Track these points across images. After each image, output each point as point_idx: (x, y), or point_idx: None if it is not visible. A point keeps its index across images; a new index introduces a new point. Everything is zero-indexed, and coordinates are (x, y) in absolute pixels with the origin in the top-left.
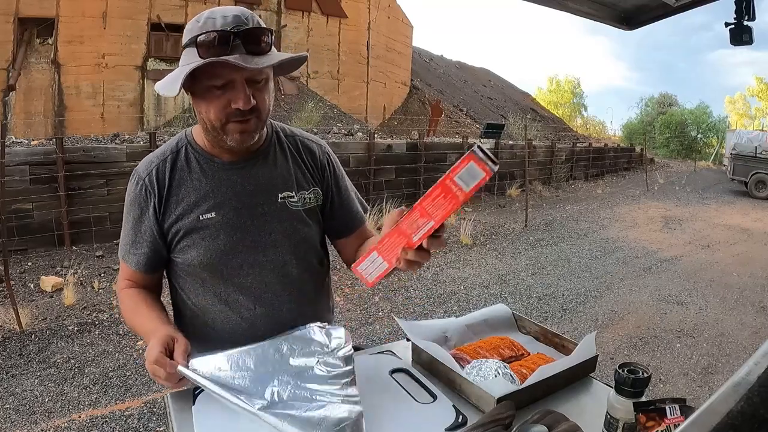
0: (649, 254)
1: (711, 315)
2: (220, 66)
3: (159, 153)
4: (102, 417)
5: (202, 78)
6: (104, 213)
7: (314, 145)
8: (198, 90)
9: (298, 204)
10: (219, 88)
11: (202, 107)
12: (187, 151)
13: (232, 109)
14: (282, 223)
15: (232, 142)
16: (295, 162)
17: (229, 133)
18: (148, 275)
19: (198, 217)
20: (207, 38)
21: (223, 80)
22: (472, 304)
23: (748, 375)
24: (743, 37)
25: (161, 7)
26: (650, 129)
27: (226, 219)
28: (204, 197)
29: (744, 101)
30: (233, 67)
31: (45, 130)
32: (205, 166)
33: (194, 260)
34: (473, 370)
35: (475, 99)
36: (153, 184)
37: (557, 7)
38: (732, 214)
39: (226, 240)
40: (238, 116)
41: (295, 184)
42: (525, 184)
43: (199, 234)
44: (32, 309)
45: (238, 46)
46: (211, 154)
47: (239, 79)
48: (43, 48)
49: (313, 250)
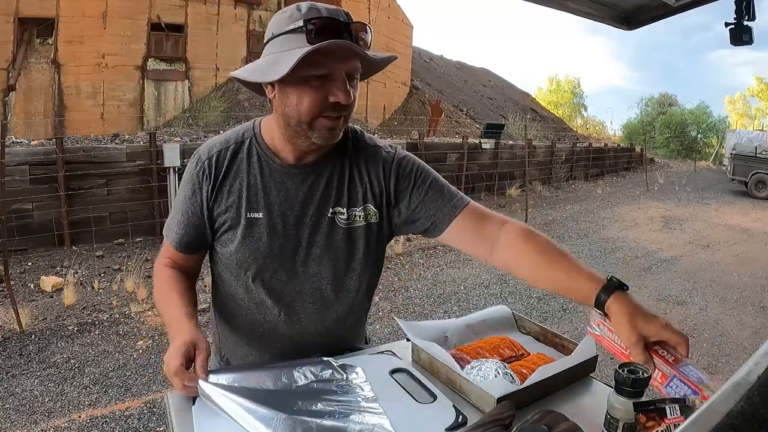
0: (649, 254)
1: (711, 315)
2: (324, 55)
3: (223, 139)
4: (102, 417)
5: (299, 67)
6: (104, 213)
7: (383, 152)
8: (290, 79)
9: (347, 221)
10: (317, 79)
11: (291, 98)
12: (250, 144)
13: (329, 103)
14: (326, 238)
15: (317, 138)
16: (354, 174)
17: (317, 129)
18: (187, 256)
19: (246, 214)
20: (321, 23)
21: (325, 70)
22: (472, 304)
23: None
24: (743, 37)
25: (161, 7)
26: (650, 129)
27: (272, 222)
28: (255, 195)
29: (744, 101)
30: (337, 58)
31: (45, 130)
32: (264, 164)
33: (233, 254)
34: (473, 370)
35: (475, 99)
36: (211, 167)
37: (557, 7)
38: (732, 214)
39: (268, 243)
40: (332, 111)
41: (347, 200)
42: (525, 184)
43: (242, 230)
44: (32, 309)
45: (347, 37)
46: (274, 153)
47: (341, 72)
48: (43, 48)
49: (352, 272)
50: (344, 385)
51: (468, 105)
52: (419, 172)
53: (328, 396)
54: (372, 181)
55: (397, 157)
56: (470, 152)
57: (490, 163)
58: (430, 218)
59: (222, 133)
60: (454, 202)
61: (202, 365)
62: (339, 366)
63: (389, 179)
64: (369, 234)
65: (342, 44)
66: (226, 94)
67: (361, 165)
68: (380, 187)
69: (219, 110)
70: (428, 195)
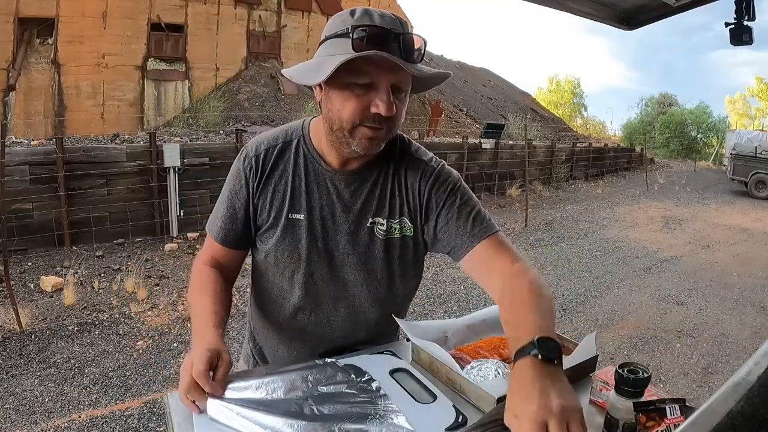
0: (649, 254)
1: (711, 315)
2: (369, 63)
3: (271, 137)
4: (102, 417)
5: (344, 73)
6: (104, 213)
7: (423, 165)
8: (336, 84)
9: (385, 232)
10: (361, 87)
11: (335, 104)
12: (298, 144)
13: (370, 113)
14: (362, 247)
15: (357, 147)
16: (395, 185)
17: (357, 137)
18: (230, 251)
19: (288, 214)
20: (368, 31)
21: (368, 79)
22: (472, 304)
23: (748, 375)
24: (743, 37)
25: (161, 7)
26: (650, 129)
27: (312, 225)
28: (299, 196)
29: (744, 101)
30: (382, 68)
31: (45, 130)
32: (310, 165)
33: (270, 252)
34: (473, 370)
35: (475, 99)
36: (258, 163)
37: (557, 7)
38: (732, 214)
39: (306, 245)
40: (373, 122)
41: (387, 211)
42: (525, 184)
43: (282, 230)
44: (32, 309)
45: (395, 48)
46: (321, 156)
47: (385, 83)
48: (43, 48)
49: (385, 282)
50: (355, 386)
51: (468, 105)
52: (452, 192)
53: (342, 399)
54: (409, 194)
55: (436, 173)
56: (470, 152)
57: (490, 163)
58: (450, 243)
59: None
60: (476, 232)
61: (221, 377)
62: (344, 366)
63: (424, 194)
64: (404, 246)
65: (383, 55)
66: (226, 94)
67: (402, 176)
68: (416, 201)
69: (219, 110)
70: (454, 218)
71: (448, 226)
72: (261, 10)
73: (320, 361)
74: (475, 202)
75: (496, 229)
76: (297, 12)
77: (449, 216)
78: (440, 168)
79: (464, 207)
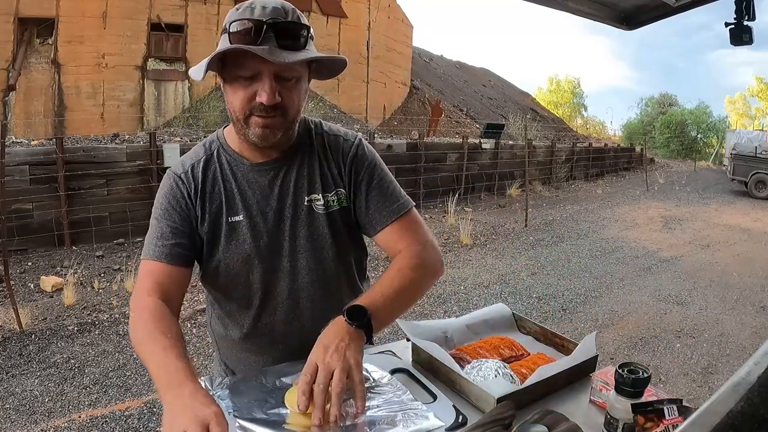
0: (649, 254)
1: (711, 315)
2: (248, 56)
3: (192, 155)
4: (102, 417)
5: (231, 66)
6: (104, 213)
7: (342, 141)
8: (227, 78)
9: (324, 207)
10: (246, 79)
11: (229, 96)
12: (218, 153)
13: (256, 102)
14: (307, 228)
15: (253, 136)
16: (321, 162)
17: (251, 126)
18: (176, 269)
19: (227, 219)
20: (239, 26)
21: (250, 71)
22: (472, 304)
23: (748, 375)
24: (743, 37)
25: (161, 7)
26: (650, 129)
27: (252, 222)
28: (233, 199)
29: (744, 101)
30: (261, 59)
31: (45, 130)
32: (234, 167)
33: (220, 262)
34: (473, 370)
35: (475, 99)
36: (188, 179)
37: (557, 7)
38: (732, 214)
39: (253, 243)
40: (262, 111)
41: (320, 186)
42: (525, 184)
43: (226, 236)
44: (32, 309)
45: (270, 38)
46: (241, 155)
47: (267, 73)
48: (43, 48)
49: (340, 256)
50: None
51: (468, 105)
52: (369, 167)
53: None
54: (336, 167)
55: (353, 148)
56: (470, 152)
57: (490, 163)
58: (366, 216)
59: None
60: (393, 208)
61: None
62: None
63: (346, 168)
64: (347, 217)
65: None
66: None
67: (327, 153)
68: (341, 173)
69: (219, 110)
70: (372, 194)
71: (363, 203)
72: None
73: None
74: (388, 177)
75: (409, 206)
76: None
77: (365, 192)
78: (358, 143)
79: (381, 182)
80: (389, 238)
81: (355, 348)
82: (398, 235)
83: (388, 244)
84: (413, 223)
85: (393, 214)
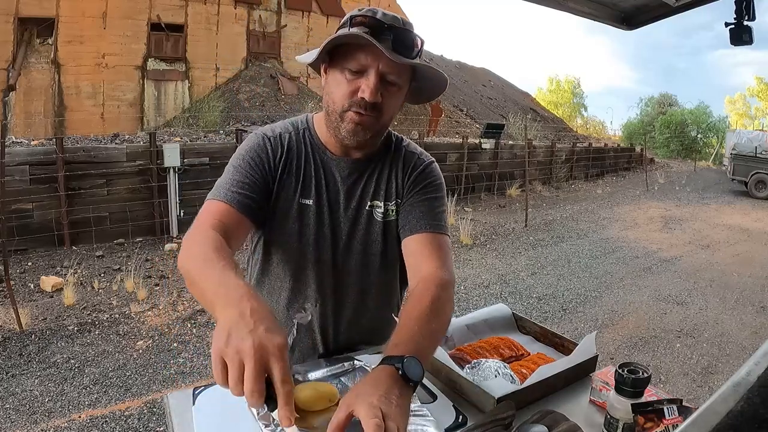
0: (649, 254)
1: (711, 315)
2: (360, 50)
3: (281, 125)
4: (102, 417)
5: (339, 58)
6: (104, 213)
7: (416, 158)
8: (334, 69)
9: (383, 214)
10: (353, 73)
11: (331, 87)
12: (304, 134)
13: (357, 97)
14: (364, 231)
15: (344, 131)
16: (391, 172)
17: (345, 121)
18: (240, 216)
19: (299, 200)
20: (362, 20)
21: (358, 66)
22: (472, 304)
23: (748, 375)
24: (743, 37)
25: (161, 7)
26: (650, 129)
27: (319, 210)
28: (308, 182)
29: (744, 101)
30: (372, 55)
31: (45, 130)
32: (316, 154)
33: (280, 237)
34: (473, 370)
35: (475, 99)
36: (277, 143)
37: (557, 7)
38: (732, 214)
39: (315, 231)
40: (360, 107)
41: (384, 194)
42: (525, 184)
43: (294, 215)
44: (32, 309)
45: (387, 40)
46: (325, 145)
47: (374, 70)
48: (43, 48)
49: (386, 267)
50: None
51: (468, 105)
52: (430, 184)
53: None
54: (403, 179)
55: (424, 165)
56: (470, 152)
57: (490, 163)
58: (406, 219)
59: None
60: (424, 224)
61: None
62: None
63: (409, 179)
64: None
65: (365, 38)
66: (226, 94)
67: (397, 165)
68: (404, 184)
69: (219, 110)
70: (421, 205)
71: (408, 207)
72: (261, 10)
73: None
74: (443, 203)
75: (445, 233)
76: (297, 12)
77: (415, 201)
78: (429, 163)
79: (431, 201)
80: (416, 248)
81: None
82: (429, 250)
83: (413, 253)
84: (445, 247)
85: (430, 227)
